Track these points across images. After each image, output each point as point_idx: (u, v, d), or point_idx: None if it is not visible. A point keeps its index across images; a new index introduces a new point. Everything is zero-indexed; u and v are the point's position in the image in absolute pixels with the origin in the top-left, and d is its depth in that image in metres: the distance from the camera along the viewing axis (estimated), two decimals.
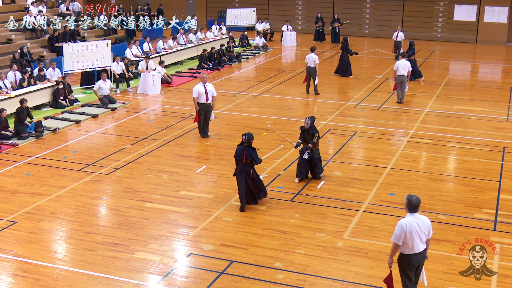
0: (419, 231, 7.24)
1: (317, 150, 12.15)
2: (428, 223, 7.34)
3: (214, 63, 24.34)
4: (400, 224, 7.25)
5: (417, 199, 7.26)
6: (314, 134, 11.88)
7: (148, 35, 26.14)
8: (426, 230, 7.33)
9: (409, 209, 7.28)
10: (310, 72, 19.62)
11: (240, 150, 10.72)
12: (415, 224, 7.22)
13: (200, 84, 14.70)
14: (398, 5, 34.41)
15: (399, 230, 7.22)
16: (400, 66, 18.43)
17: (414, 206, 7.25)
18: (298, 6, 36.58)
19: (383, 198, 11.42)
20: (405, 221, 7.25)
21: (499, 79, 24.68)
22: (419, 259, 7.38)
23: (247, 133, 10.79)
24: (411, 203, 7.24)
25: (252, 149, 10.71)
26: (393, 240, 7.30)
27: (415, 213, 7.28)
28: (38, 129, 14.91)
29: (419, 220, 7.27)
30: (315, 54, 19.70)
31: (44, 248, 9.33)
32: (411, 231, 7.20)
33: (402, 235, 7.21)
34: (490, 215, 10.75)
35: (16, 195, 11.32)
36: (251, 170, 10.71)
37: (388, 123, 16.51)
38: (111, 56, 19.99)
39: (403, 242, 7.25)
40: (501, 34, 33.10)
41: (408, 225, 7.19)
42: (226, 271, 8.68)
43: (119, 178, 12.25)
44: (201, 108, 14.67)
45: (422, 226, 7.27)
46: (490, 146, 14.66)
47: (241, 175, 10.67)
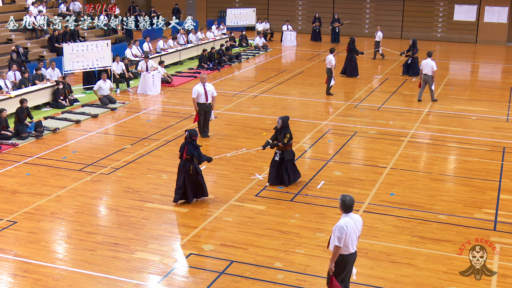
0: (356, 230, 7.28)
1: (289, 152, 11.75)
2: (361, 221, 7.42)
3: (214, 63, 24.34)
4: (340, 227, 7.13)
5: (351, 199, 7.23)
6: (285, 134, 11.56)
7: (148, 35, 26.15)
8: (360, 228, 7.38)
9: (344, 209, 7.22)
10: (327, 74, 19.67)
11: (182, 146, 10.84)
12: (353, 224, 7.23)
13: (199, 84, 14.70)
14: (398, 5, 34.40)
15: (340, 233, 7.11)
16: (424, 65, 18.67)
17: (349, 207, 7.20)
18: (298, 6, 36.58)
19: (383, 198, 11.42)
20: (344, 222, 7.17)
21: (499, 79, 24.69)
22: (355, 257, 7.41)
23: (190, 130, 10.92)
24: (345, 203, 7.18)
25: (193, 146, 10.75)
26: (336, 244, 7.14)
27: (350, 213, 7.27)
28: (38, 129, 14.91)
29: (355, 219, 7.30)
30: (332, 55, 19.62)
31: (44, 248, 9.33)
32: (351, 232, 7.18)
33: (343, 237, 7.12)
34: (490, 215, 10.75)
35: (16, 195, 11.32)
36: (191, 166, 10.76)
37: (388, 123, 16.51)
38: (111, 56, 19.99)
39: (344, 243, 7.18)
40: (501, 34, 33.10)
41: (348, 226, 7.15)
42: (226, 271, 8.68)
43: (119, 178, 12.25)
44: (201, 108, 14.67)
45: (358, 225, 7.32)
46: (490, 146, 14.66)
47: (181, 170, 10.84)
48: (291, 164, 11.81)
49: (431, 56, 18.96)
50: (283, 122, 11.62)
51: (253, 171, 12.62)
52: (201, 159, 10.87)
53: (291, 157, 11.80)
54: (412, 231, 10.03)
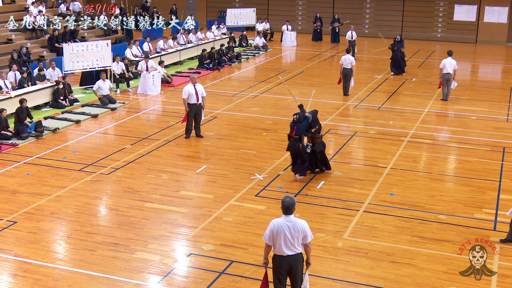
0: (288, 234, 7.02)
1: (320, 144, 12.40)
2: (301, 228, 7.06)
3: (214, 63, 24.33)
4: (270, 223, 7.15)
5: (290, 201, 7.04)
6: (314, 127, 12.23)
7: (148, 35, 26.15)
8: (299, 235, 7.08)
9: (283, 210, 7.10)
10: (346, 74, 19.53)
11: (291, 125, 12.07)
12: (285, 226, 7.03)
13: (190, 84, 14.66)
14: (398, 5, 34.40)
15: (268, 229, 7.11)
16: (447, 64, 18.64)
17: (286, 208, 7.05)
18: (298, 6, 36.58)
19: (383, 198, 11.42)
20: (275, 220, 7.14)
21: (499, 79, 24.69)
22: (288, 262, 7.12)
23: (298, 113, 12.05)
24: (283, 204, 7.07)
25: (304, 127, 11.96)
26: (263, 239, 7.20)
27: (290, 216, 7.08)
28: (38, 129, 14.91)
29: (291, 223, 7.06)
30: (351, 55, 19.59)
31: (44, 248, 9.33)
32: (279, 232, 7.03)
33: (270, 234, 7.09)
34: (490, 215, 10.75)
35: (16, 195, 11.32)
36: (299, 145, 12.02)
37: (388, 123, 16.51)
38: (111, 56, 19.99)
39: (273, 242, 7.13)
40: (501, 34, 33.10)
41: (276, 226, 7.06)
42: (226, 271, 8.68)
43: (119, 178, 12.26)
44: (192, 109, 14.62)
45: (294, 230, 7.04)
46: (490, 146, 14.66)
47: (291, 149, 12.12)
48: (321, 155, 12.41)
49: (451, 55, 18.97)
50: (312, 116, 12.23)
51: (253, 171, 12.62)
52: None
53: (322, 148, 12.40)
54: (412, 231, 10.03)
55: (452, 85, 19.01)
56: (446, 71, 18.73)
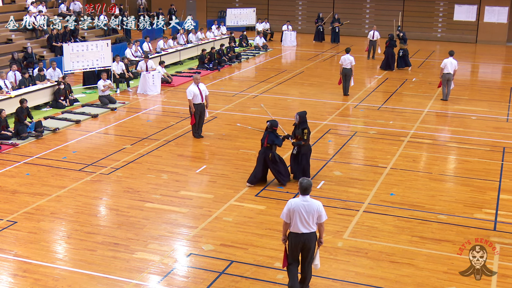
0: (304, 212, 7.54)
1: (306, 147, 11.93)
2: (316, 208, 7.60)
3: (214, 63, 24.33)
4: (288, 202, 7.67)
5: (308, 182, 7.60)
6: (303, 130, 11.75)
7: (148, 35, 26.14)
8: (315, 214, 7.60)
9: (300, 191, 7.64)
10: (346, 74, 19.50)
11: (264, 135, 11.77)
12: (302, 205, 7.56)
13: (193, 85, 14.67)
14: (398, 5, 34.38)
15: (286, 208, 7.65)
16: (448, 64, 18.66)
17: (304, 189, 7.58)
18: (298, 6, 36.57)
19: (383, 198, 11.42)
20: (292, 200, 7.69)
21: (499, 79, 24.70)
22: (303, 239, 7.64)
23: (271, 120, 11.81)
24: (301, 185, 7.60)
25: (274, 136, 11.70)
26: (281, 217, 7.73)
27: (306, 196, 7.62)
28: (38, 129, 14.90)
29: (307, 203, 7.59)
30: (351, 55, 19.58)
31: (44, 248, 9.33)
32: (295, 211, 7.55)
33: (287, 212, 7.62)
34: (490, 215, 10.75)
35: (16, 195, 11.32)
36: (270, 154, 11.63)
37: (388, 123, 16.51)
38: (111, 56, 19.99)
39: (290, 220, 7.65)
40: (501, 34, 33.10)
41: (293, 204, 7.59)
42: (226, 271, 8.68)
43: (119, 178, 12.26)
44: (197, 109, 14.65)
45: (309, 209, 7.56)
46: (490, 146, 14.66)
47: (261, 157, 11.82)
48: (305, 159, 11.93)
49: (453, 55, 18.98)
50: (300, 117, 11.85)
51: None
52: (280, 145, 11.79)
53: (307, 151, 11.99)
54: (412, 231, 10.03)
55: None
56: (447, 71, 18.75)
